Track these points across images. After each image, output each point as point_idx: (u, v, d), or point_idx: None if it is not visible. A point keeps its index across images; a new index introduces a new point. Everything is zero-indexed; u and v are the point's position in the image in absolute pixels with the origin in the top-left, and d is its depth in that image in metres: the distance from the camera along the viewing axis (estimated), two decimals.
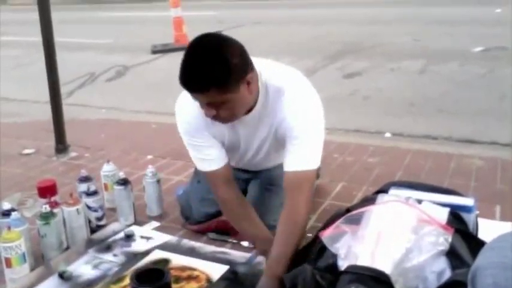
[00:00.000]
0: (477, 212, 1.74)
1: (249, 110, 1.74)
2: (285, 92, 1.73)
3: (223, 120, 1.70)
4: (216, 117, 1.66)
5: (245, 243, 1.98)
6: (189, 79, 1.57)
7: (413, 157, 2.85)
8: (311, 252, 1.64)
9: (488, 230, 1.74)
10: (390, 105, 4.35)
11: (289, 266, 1.64)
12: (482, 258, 1.07)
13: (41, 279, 1.81)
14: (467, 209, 1.66)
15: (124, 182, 2.19)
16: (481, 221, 1.76)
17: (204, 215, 2.10)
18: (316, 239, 1.69)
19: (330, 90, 4.89)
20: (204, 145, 1.86)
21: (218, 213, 2.10)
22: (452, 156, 2.82)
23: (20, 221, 1.89)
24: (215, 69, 1.54)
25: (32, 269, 1.86)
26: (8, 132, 3.70)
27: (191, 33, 7.74)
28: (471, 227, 1.65)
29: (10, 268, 1.79)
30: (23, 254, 1.80)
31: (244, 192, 2.10)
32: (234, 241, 2.01)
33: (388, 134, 3.64)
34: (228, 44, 1.60)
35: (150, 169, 2.28)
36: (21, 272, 1.80)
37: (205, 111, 1.64)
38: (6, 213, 1.92)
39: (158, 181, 2.28)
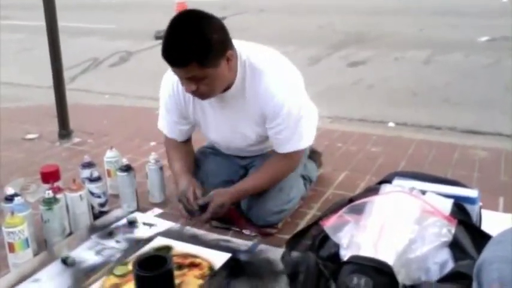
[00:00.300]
0: (480, 204, 1.73)
1: (227, 88, 1.80)
2: (265, 73, 1.79)
3: (202, 95, 1.76)
4: (195, 93, 1.72)
5: (247, 232, 1.99)
6: (171, 53, 1.63)
7: (416, 147, 2.85)
8: (313, 241, 1.64)
9: (491, 221, 1.74)
10: (394, 95, 4.33)
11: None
12: (488, 252, 1.06)
13: (43, 264, 1.81)
14: (471, 200, 1.66)
15: (127, 169, 2.19)
16: (484, 212, 1.76)
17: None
18: (315, 225, 1.70)
19: (334, 79, 4.88)
20: (174, 116, 2.01)
21: None
22: (456, 147, 2.82)
23: (23, 206, 1.89)
24: (196, 44, 1.59)
25: (35, 254, 1.87)
26: (11, 117, 3.70)
27: None
28: (474, 218, 1.65)
29: (13, 253, 1.79)
30: (26, 239, 1.80)
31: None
32: (237, 229, 2.01)
33: (391, 124, 3.63)
34: (209, 21, 1.66)
35: (153, 156, 2.28)
36: (24, 257, 1.81)
37: (185, 86, 1.70)
38: (10, 198, 1.92)
39: (161, 168, 2.28)
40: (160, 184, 2.28)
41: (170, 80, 1.93)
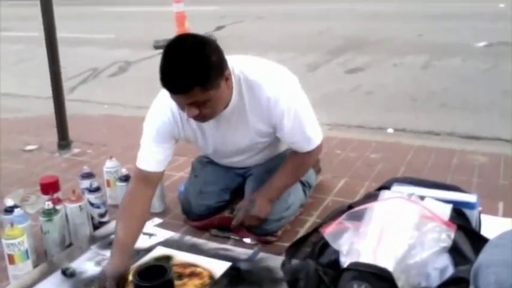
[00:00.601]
0: (480, 209, 1.73)
1: (225, 106, 1.78)
2: (262, 83, 1.79)
3: (204, 118, 1.73)
4: (197, 117, 1.69)
5: (247, 240, 1.99)
6: (172, 80, 1.60)
7: (416, 153, 2.85)
8: (313, 248, 1.64)
9: (491, 226, 1.74)
10: (393, 101, 4.34)
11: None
12: (485, 256, 1.06)
13: (44, 275, 1.81)
14: (470, 205, 1.66)
15: (126, 178, 2.19)
16: (483, 217, 1.76)
17: (204, 208, 2.10)
18: (315, 232, 1.70)
19: (332, 85, 4.89)
20: (151, 141, 1.91)
21: (218, 207, 2.12)
22: (455, 152, 2.82)
23: (22, 218, 1.89)
24: (197, 69, 1.57)
25: (35, 266, 1.86)
26: (11, 128, 3.71)
27: (193, 29, 7.75)
28: (474, 223, 1.65)
29: (13, 265, 1.79)
30: (26, 251, 1.80)
31: (241, 186, 2.12)
32: (236, 238, 2.01)
33: (390, 130, 3.63)
34: (205, 43, 1.64)
35: None
36: (24, 268, 1.81)
37: (187, 112, 1.65)
38: (9, 210, 1.92)
39: None
40: (160, 194, 2.28)
41: (165, 107, 1.86)
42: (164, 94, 1.78)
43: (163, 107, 1.87)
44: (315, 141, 1.91)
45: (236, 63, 1.80)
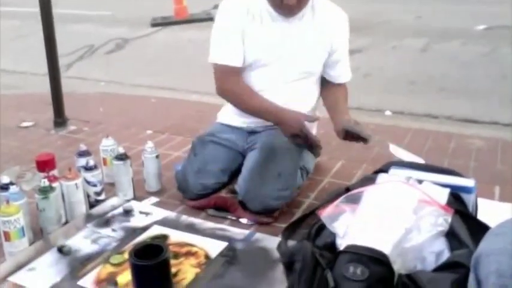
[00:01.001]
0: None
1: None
2: (332, 12, 2.13)
3: (296, 9, 1.97)
4: (292, 5, 1.93)
5: (244, 220, 1.99)
6: None
7: (413, 136, 2.84)
8: (309, 230, 1.65)
9: (487, 210, 1.75)
10: (391, 84, 4.32)
11: None
12: (486, 244, 1.06)
13: (39, 253, 1.81)
14: (467, 189, 1.66)
15: (123, 157, 2.18)
16: (480, 201, 1.76)
17: (201, 187, 2.10)
18: (312, 214, 1.70)
19: None
20: (233, 34, 2.03)
21: (215, 188, 2.11)
22: (453, 136, 2.82)
23: (18, 195, 1.88)
24: None
25: (31, 243, 1.86)
26: (7, 105, 3.68)
27: (191, 6, 7.68)
28: (471, 208, 1.65)
29: (9, 242, 1.79)
30: (22, 228, 1.80)
31: (240, 168, 2.10)
32: (233, 218, 2.01)
33: (388, 112, 3.62)
34: None
35: (149, 144, 2.27)
36: (20, 245, 1.80)
37: None
38: (5, 187, 1.91)
39: (157, 156, 2.27)
40: (157, 173, 2.28)
41: (242, 4, 2.04)
42: None
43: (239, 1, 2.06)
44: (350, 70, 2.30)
45: None
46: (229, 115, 2.25)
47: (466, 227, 1.48)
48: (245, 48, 2.05)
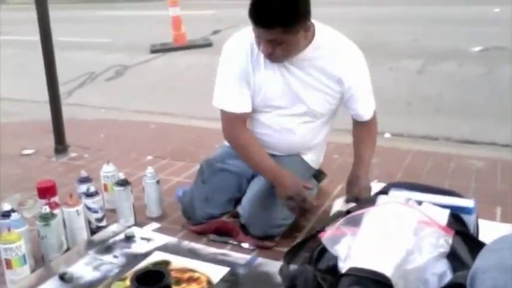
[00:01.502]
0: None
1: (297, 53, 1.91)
2: (341, 49, 1.99)
3: (276, 58, 1.87)
4: (270, 55, 1.84)
5: (245, 245, 1.98)
6: (261, 14, 1.75)
7: (413, 158, 2.85)
8: (311, 254, 1.64)
9: (488, 231, 1.74)
10: (389, 105, 4.33)
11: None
12: (481, 261, 1.06)
13: (41, 280, 1.80)
14: (467, 210, 1.67)
15: (124, 183, 2.19)
16: (481, 222, 1.76)
17: (208, 216, 2.10)
18: (313, 237, 1.70)
19: None
20: (239, 80, 1.96)
21: (220, 216, 2.11)
22: (452, 157, 2.83)
23: (20, 222, 1.88)
24: (286, 11, 1.71)
25: (33, 271, 1.86)
26: (8, 132, 3.69)
27: (190, 33, 7.76)
28: (472, 228, 1.65)
29: (11, 269, 1.79)
30: (23, 256, 1.80)
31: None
32: (235, 243, 2.01)
33: (388, 135, 3.63)
34: None
35: (149, 170, 2.28)
36: (21, 273, 1.80)
37: (264, 47, 1.82)
38: (6, 214, 1.91)
39: (158, 182, 2.28)
40: (158, 198, 2.28)
41: (246, 40, 1.96)
42: (243, 33, 1.98)
43: (244, 41, 1.97)
44: (372, 107, 2.14)
45: (319, 27, 1.95)
46: None
47: (467, 248, 1.48)
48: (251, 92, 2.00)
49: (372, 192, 1.86)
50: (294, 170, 2.03)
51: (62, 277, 1.81)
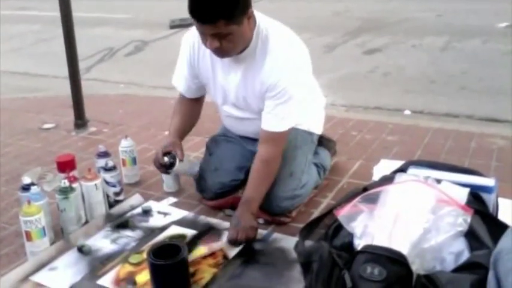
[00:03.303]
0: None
1: (241, 51, 1.86)
2: (275, 47, 1.86)
3: (223, 53, 1.81)
4: (217, 49, 1.78)
5: (261, 220, 1.98)
6: (200, 10, 1.69)
7: (433, 136, 2.81)
8: (327, 230, 1.64)
9: (508, 210, 1.72)
10: (411, 83, 4.28)
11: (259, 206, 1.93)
12: (506, 242, 1.05)
13: (60, 252, 1.84)
14: (487, 189, 1.63)
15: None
16: (501, 201, 1.73)
17: (219, 185, 2.10)
18: (329, 214, 1.69)
19: (350, 66, 4.84)
20: (186, 72, 2.07)
21: (233, 185, 2.12)
22: (474, 135, 2.78)
23: (39, 195, 1.91)
24: (225, 2, 1.67)
25: (52, 243, 1.89)
26: (28, 107, 3.75)
27: None
28: (491, 208, 1.62)
29: (30, 241, 1.82)
30: (43, 228, 1.83)
31: None
32: None
33: (408, 112, 3.59)
34: None
35: None
36: (41, 245, 1.83)
37: (209, 42, 1.75)
38: (26, 188, 1.94)
39: (175, 157, 2.28)
40: (175, 173, 2.29)
41: (191, 37, 2.00)
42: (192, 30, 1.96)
43: (190, 38, 2.02)
44: (284, 125, 1.89)
45: (264, 22, 1.89)
46: None
47: (486, 227, 1.46)
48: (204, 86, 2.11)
49: (390, 170, 1.83)
50: (295, 145, 2.05)
51: (81, 249, 1.84)
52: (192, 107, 2.18)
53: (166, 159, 2.03)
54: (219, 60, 1.93)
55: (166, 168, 2.05)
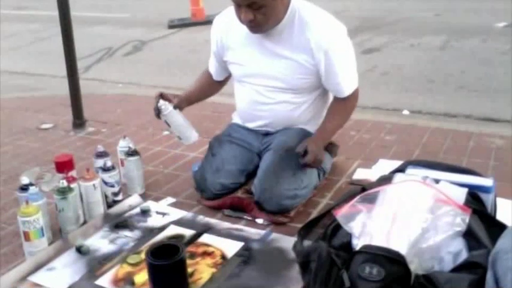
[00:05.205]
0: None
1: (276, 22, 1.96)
2: (314, 17, 1.99)
3: (257, 26, 1.92)
4: (251, 22, 1.89)
5: (260, 220, 1.99)
6: None
7: (431, 135, 2.81)
8: (325, 230, 1.64)
9: (506, 210, 1.72)
10: (409, 82, 4.28)
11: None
12: (504, 241, 1.05)
13: (58, 252, 1.83)
14: (485, 189, 1.64)
15: (133, 153, 2.21)
16: (499, 201, 1.74)
17: (220, 186, 2.11)
18: (328, 214, 1.69)
19: None
20: (213, 50, 2.21)
21: (233, 187, 2.12)
22: (472, 135, 2.78)
23: (37, 196, 1.90)
24: None
25: (50, 243, 1.88)
26: (27, 107, 3.74)
27: (208, 8, 7.70)
28: (489, 207, 1.62)
29: (28, 242, 1.81)
30: (41, 228, 1.82)
31: (257, 169, 2.11)
32: (249, 218, 2.01)
33: (406, 112, 3.59)
34: None
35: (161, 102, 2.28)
36: (39, 245, 1.83)
37: (244, 15, 1.87)
38: (24, 188, 1.94)
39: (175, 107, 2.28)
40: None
41: (223, 15, 2.16)
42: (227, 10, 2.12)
43: (224, 12, 2.17)
44: (351, 85, 2.07)
45: (299, 1, 2.01)
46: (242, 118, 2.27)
47: (484, 227, 1.46)
48: (228, 62, 2.19)
49: (389, 171, 1.83)
50: (291, 136, 2.10)
51: (79, 249, 1.84)
52: (212, 85, 2.35)
53: (161, 102, 2.16)
54: (249, 37, 2.02)
55: (158, 112, 2.18)
